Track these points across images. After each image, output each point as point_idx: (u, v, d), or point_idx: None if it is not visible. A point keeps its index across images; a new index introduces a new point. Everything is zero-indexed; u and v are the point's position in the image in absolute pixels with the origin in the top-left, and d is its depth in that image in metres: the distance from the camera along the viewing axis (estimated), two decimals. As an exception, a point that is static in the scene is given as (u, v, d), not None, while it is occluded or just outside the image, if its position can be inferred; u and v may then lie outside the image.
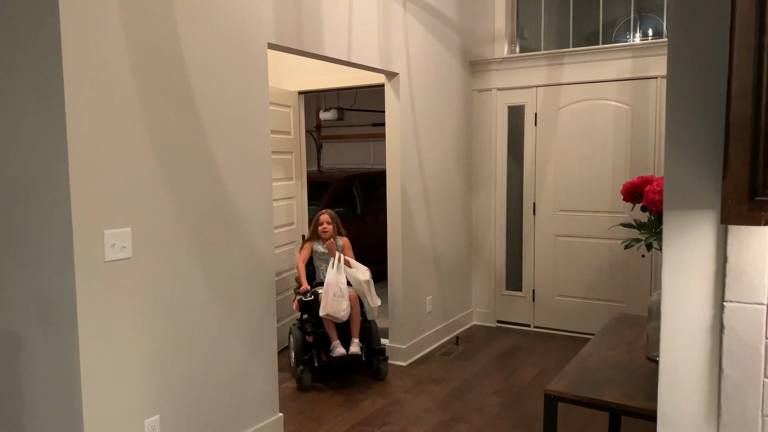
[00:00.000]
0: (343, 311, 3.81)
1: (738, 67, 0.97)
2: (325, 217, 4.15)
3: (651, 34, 4.82)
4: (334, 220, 4.17)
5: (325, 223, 4.11)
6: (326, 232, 4.09)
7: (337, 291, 3.81)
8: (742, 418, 1.23)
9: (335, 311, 3.79)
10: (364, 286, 3.94)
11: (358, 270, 3.99)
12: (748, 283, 1.19)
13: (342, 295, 3.82)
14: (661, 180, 1.99)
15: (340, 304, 3.80)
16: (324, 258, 4.09)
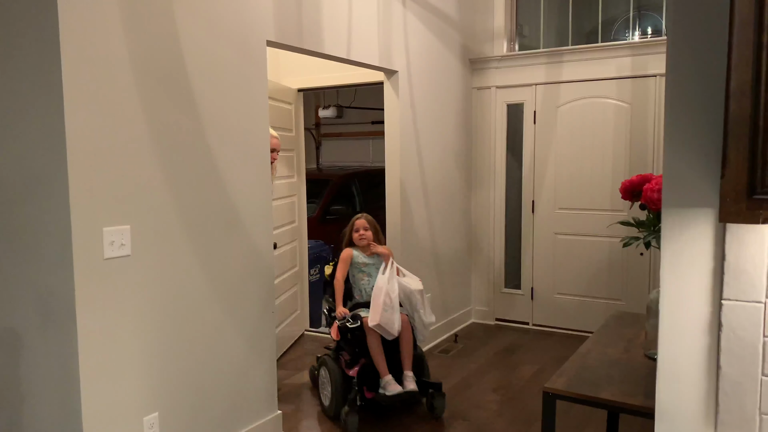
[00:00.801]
0: (396, 325, 3.21)
1: (737, 66, 0.97)
2: (362, 222, 3.59)
3: (650, 32, 4.82)
4: (372, 225, 3.61)
5: (362, 228, 3.57)
6: (364, 238, 3.54)
7: (388, 301, 3.23)
8: (740, 416, 1.23)
9: (389, 323, 3.19)
10: (417, 297, 3.38)
11: (410, 280, 3.47)
12: (747, 281, 1.20)
13: (392, 307, 3.23)
14: (659, 178, 1.99)
15: (392, 316, 3.21)
16: (366, 270, 3.53)
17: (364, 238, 3.56)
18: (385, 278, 3.30)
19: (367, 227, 3.58)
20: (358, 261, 3.55)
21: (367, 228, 3.58)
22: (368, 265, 3.53)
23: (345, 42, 3.57)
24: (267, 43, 2.97)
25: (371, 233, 3.57)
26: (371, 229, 3.58)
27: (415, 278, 3.49)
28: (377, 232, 3.62)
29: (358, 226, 3.57)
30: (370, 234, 3.57)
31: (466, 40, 5.00)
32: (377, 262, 3.51)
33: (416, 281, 3.47)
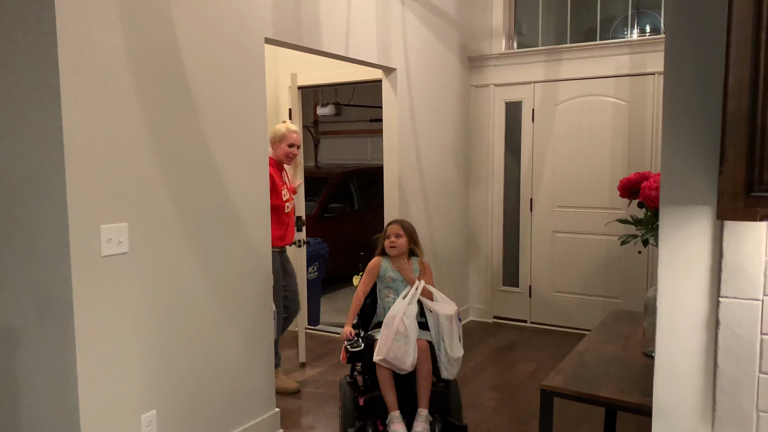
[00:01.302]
0: (410, 360, 2.73)
1: (735, 63, 0.97)
2: (394, 227, 3.06)
3: (649, 30, 4.82)
4: (409, 232, 3.07)
5: (393, 235, 3.02)
6: (394, 247, 3.01)
7: (402, 328, 2.74)
8: (737, 414, 1.23)
9: (398, 358, 2.71)
10: (444, 324, 2.83)
11: (440, 304, 2.91)
12: (744, 279, 1.20)
13: (407, 336, 2.74)
14: (657, 176, 1.99)
15: (404, 348, 2.72)
16: (393, 285, 3.00)
17: (394, 246, 3.01)
18: (404, 303, 2.83)
19: (400, 233, 3.03)
20: (385, 274, 3.02)
21: (400, 235, 3.03)
22: (396, 281, 3.00)
23: (343, 39, 3.57)
24: (265, 41, 2.96)
25: (404, 241, 3.03)
26: (406, 237, 3.04)
27: (449, 303, 2.95)
28: (414, 240, 3.09)
29: (389, 232, 3.05)
30: (403, 242, 3.03)
31: (465, 38, 5.00)
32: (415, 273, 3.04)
33: (449, 306, 2.92)
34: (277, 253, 3.63)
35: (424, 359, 2.81)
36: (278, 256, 3.64)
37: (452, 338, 2.84)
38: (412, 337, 2.76)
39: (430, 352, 2.84)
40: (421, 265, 3.07)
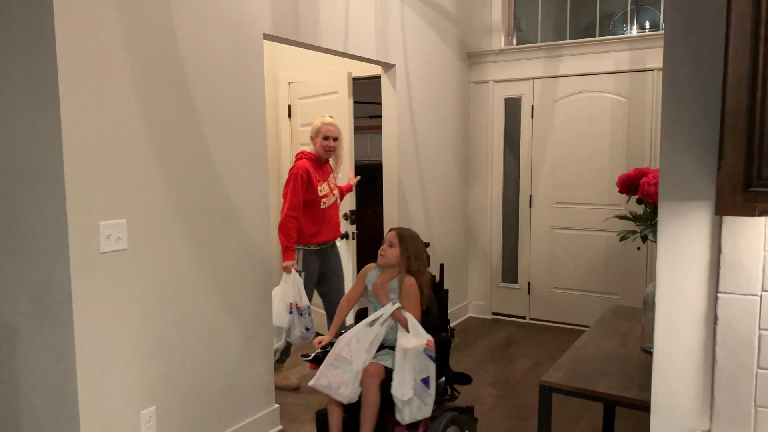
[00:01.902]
0: (347, 391, 2.46)
1: (734, 58, 0.97)
2: (391, 235, 2.74)
3: (648, 26, 4.81)
4: (406, 244, 2.70)
5: (387, 243, 2.73)
6: (382, 256, 2.72)
7: (345, 353, 2.49)
8: (735, 409, 1.23)
9: (331, 386, 2.47)
10: (399, 358, 2.44)
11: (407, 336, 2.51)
12: (742, 274, 1.20)
13: (349, 363, 2.47)
14: (656, 172, 1.99)
15: (341, 376, 2.46)
16: (372, 300, 2.75)
17: (382, 255, 2.71)
18: (361, 325, 2.58)
19: (393, 243, 2.70)
20: (369, 284, 2.77)
21: (394, 244, 2.70)
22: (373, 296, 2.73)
23: (342, 35, 3.56)
24: (264, 37, 2.96)
25: (395, 252, 2.68)
26: (399, 248, 2.68)
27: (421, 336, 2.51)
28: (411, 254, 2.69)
29: (385, 239, 2.76)
30: (394, 254, 2.68)
31: (464, 34, 4.99)
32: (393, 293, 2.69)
33: (416, 340, 2.49)
34: (313, 251, 3.62)
35: (369, 386, 2.47)
36: (313, 254, 3.62)
37: (403, 376, 2.41)
38: (355, 365, 2.46)
39: (379, 379, 2.49)
40: (403, 286, 2.64)
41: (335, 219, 3.72)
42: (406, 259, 2.70)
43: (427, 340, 2.49)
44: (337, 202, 3.72)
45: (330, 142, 3.59)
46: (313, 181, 3.51)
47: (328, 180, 3.66)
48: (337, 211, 3.74)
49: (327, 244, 3.68)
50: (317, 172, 3.58)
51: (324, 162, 3.67)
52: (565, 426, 3.20)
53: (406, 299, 2.63)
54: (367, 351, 2.52)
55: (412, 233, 2.80)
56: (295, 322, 3.43)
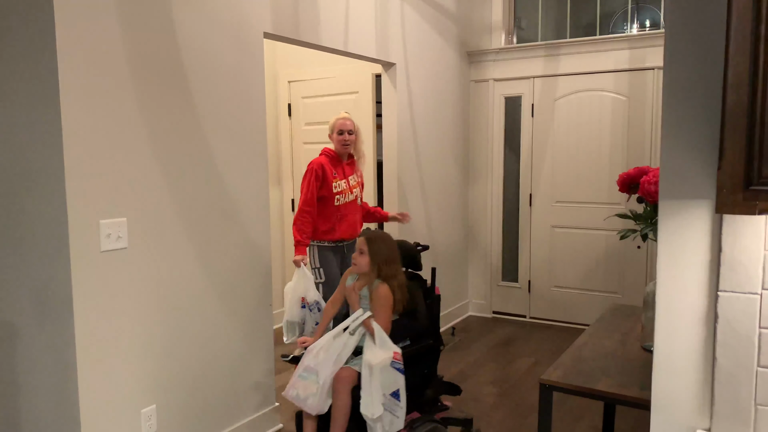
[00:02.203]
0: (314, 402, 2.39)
1: (734, 57, 0.97)
2: (360, 241, 2.64)
3: (648, 25, 4.81)
4: (372, 247, 2.61)
5: (357, 251, 2.64)
6: (355, 265, 2.66)
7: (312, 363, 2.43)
8: (735, 407, 1.23)
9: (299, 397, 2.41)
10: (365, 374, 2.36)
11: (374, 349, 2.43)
12: (743, 273, 1.20)
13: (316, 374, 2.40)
14: (657, 171, 1.99)
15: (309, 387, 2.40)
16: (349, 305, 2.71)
17: (355, 264, 2.65)
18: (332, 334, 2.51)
19: (363, 250, 2.61)
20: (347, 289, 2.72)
21: (363, 252, 2.61)
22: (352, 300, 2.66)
23: (342, 34, 3.56)
24: (264, 35, 2.95)
25: (365, 261, 2.60)
26: (369, 256, 2.59)
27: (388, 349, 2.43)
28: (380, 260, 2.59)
29: (356, 246, 2.67)
30: (364, 261, 2.61)
31: (464, 33, 4.99)
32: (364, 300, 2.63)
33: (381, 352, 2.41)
34: (328, 248, 3.53)
35: (339, 391, 2.40)
36: (329, 251, 3.53)
37: (371, 394, 2.33)
38: (322, 377, 2.39)
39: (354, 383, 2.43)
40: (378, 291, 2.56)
41: (353, 217, 3.60)
42: (376, 265, 2.60)
43: (393, 353, 2.42)
44: (357, 201, 3.62)
45: (345, 136, 3.51)
46: (327, 177, 3.46)
47: (348, 178, 3.57)
48: (355, 210, 3.62)
49: (343, 243, 3.57)
50: (335, 168, 3.51)
51: (345, 158, 3.58)
52: (565, 424, 3.20)
53: (377, 308, 2.56)
54: (334, 362, 2.44)
55: (381, 236, 2.69)
56: (307, 316, 3.35)
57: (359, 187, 3.65)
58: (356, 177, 3.64)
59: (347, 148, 3.54)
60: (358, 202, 3.63)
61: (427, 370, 2.75)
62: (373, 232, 2.75)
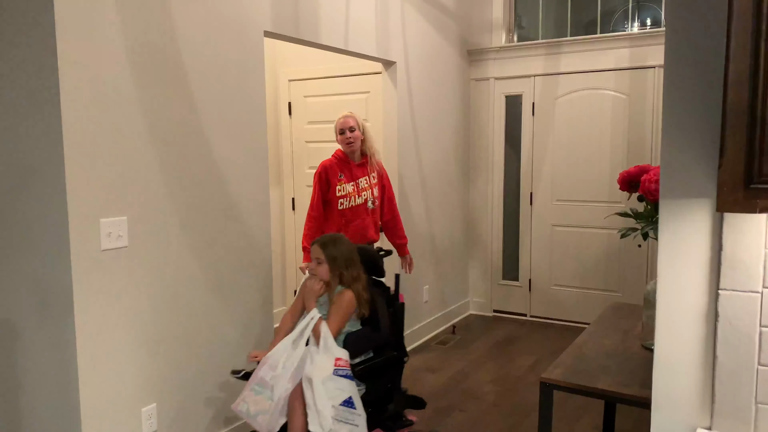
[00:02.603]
0: (264, 420, 2.20)
1: (735, 55, 0.97)
2: (315, 250, 2.51)
3: (649, 23, 4.80)
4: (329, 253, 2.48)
5: (314, 261, 2.51)
6: (314, 275, 2.51)
7: (267, 376, 2.23)
8: (736, 405, 1.23)
9: (249, 414, 2.24)
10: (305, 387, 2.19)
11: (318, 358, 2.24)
12: (743, 271, 1.20)
13: (271, 389, 2.21)
14: (657, 169, 1.99)
15: (262, 404, 2.20)
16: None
17: (314, 275, 2.50)
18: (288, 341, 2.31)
19: (320, 259, 2.47)
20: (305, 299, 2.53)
21: (321, 260, 2.47)
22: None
23: (342, 32, 3.56)
24: (264, 34, 2.95)
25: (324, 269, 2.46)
26: (325, 261, 2.46)
27: (331, 356, 2.26)
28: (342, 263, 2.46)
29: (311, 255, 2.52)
30: (323, 270, 2.46)
31: (464, 32, 4.98)
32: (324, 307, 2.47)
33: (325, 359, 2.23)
34: None
35: (295, 409, 2.18)
36: None
37: (317, 409, 2.13)
38: (277, 393, 2.18)
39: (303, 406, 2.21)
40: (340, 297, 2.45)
41: (361, 222, 3.37)
42: (337, 273, 2.48)
43: (335, 360, 2.23)
44: (368, 204, 3.40)
45: (347, 135, 3.33)
46: (331, 181, 3.33)
47: (358, 180, 3.37)
48: (364, 214, 3.39)
49: None
50: (342, 170, 3.36)
51: (357, 159, 3.40)
52: (566, 423, 3.20)
53: (332, 311, 2.42)
54: (291, 377, 2.22)
55: (335, 239, 2.56)
56: None
57: (372, 189, 3.41)
58: (370, 179, 3.42)
59: (352, 146, 3.36)
60: (369, 205, 3.40)
61: (391, 383, 2.61)
62: (326, 236, 2.64)
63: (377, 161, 3.48)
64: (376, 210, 3.46)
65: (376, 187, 3.45)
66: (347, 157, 3.39)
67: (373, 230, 3.44)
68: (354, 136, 3.35)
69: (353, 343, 2.42)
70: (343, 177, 3.35)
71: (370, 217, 3.43)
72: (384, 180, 3.54)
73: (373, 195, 3.42)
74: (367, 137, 3.42)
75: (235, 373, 2.51)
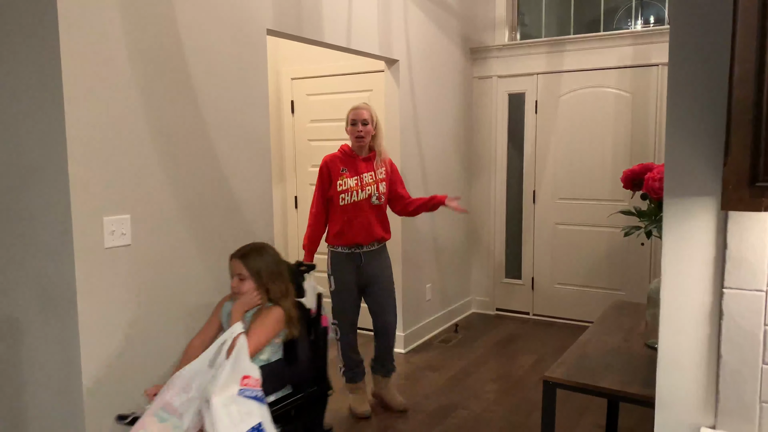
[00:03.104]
0: None
1: (740, 52, 0.96)
2: (235, 265, 2.22)
3: (653, 21, 4.79)
4: (252, 265, 2.20)
5: (235, 276, 2.22)
6: (237, 294, 2.22)
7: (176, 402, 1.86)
8: (740, 404, 1.23)
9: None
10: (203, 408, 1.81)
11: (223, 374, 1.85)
12: (748, 270, 1.19)
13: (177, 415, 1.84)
14: (661, 167, 1.98)
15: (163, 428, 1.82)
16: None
17: (237, 293, 2.20)
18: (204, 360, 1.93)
19: (243, 274, 2.18)
20: (225, 319, 2.26)
21: (243, 276, 2.18)
22: None
23: (345, 31, 3.55)
24: (267, 32, 2.95)
25: (248, 285, 2.17)
26: (249, 277, 2.17)
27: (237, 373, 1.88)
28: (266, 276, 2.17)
29: (231, 271, 2.26)
30: (248, 287, 2.18)
31: (467, 29, 4.97)
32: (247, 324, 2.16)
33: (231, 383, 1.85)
34: (342, 254, 3.20)
35: None
36: (342, 258, 3.20)
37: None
38: (186, 422, 1.83)
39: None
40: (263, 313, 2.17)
41: (365, 219, 3.20)
42: (264, 289, 2.17)
43: (242, 378, 1.86)
44: (371, 200, 3.21)
45: (358, 127, 3.14)
46: (332, 175, 3.18)
47: (362, 175, 3.20)
48: (368, 211, 3.21)
49: (359, 249, 3.21)
50: (346, 164, 3.20)
51: (363, 153, 3.24)
52: (568, 422, 3.20)
53: (255, 325, 2.12)
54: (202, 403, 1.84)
55: (256, 248, 2.23)
56: None
57: (377, 185, 3.23)
58: (376, 174, 3.24)
59: (361, 141, 3.18)
60: (373, 201, 3.22)
61: (311, 421, 2.30)
62: (245, 247, 2.26)
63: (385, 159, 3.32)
64: (382, 207, 3.29)
65: (383, 182, 3.27)
66: (353, 152, 3.24)
67: (379, 227, 3.28)
68: (365, 130, 3.17)
69: (266, 380, 2.01)
70: (345, 171, 3.19)
71: (375, 213, 3.26)
72: (394, 175, 3.36)
73: (378, 191, 3.24)
74: (379, 134, 3.25)
75: (122, 418, 2.04)
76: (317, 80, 4.67)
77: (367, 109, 3.19)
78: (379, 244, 3.30)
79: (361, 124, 3.16)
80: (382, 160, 3.28)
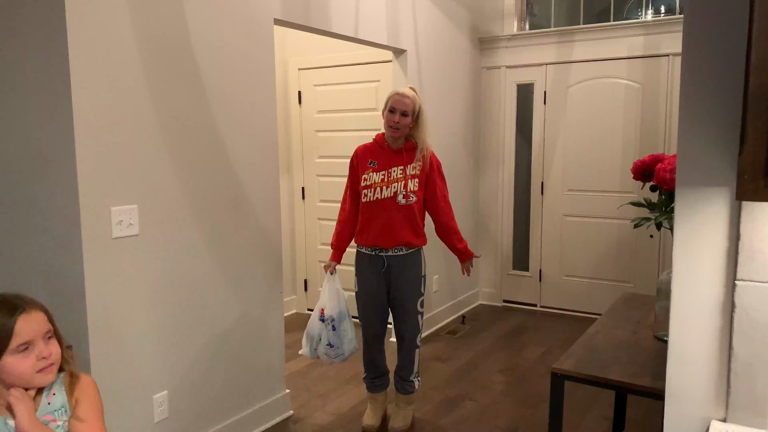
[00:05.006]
0: None
1: (758, 38, 0.94)
2: (38, 318, 1.55)
3: (663, 10, 4.73)
4: (56, 325, 1.58)
5: (43, 334, 1.54)
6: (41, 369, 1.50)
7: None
8: (751, 398, 1.22)
9: None
10: None
11: None
12: (761, 261, 1.18)
13: None
14: (672, 158, 1.96)
15: None
16: None
17: (43, 369, 1.52)
18: None
19: (51, 332, 1.58)
20: None
21: (52, 335, 1.58)
22: None
23: (353, 20, 3.53)
24: (274, 22, 2.93)
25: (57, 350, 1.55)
26: (56, 335, 1.57)
27: None
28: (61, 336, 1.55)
29: None
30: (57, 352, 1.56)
31: (476, 19, 4.93)
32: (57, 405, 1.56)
33: None
34: (364, 255, 2.94)
35: None
36: (364, 259, 2.94)
37: None
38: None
39: None
40: (76, 388, 1.66)
41: (388, 220, 2.84)
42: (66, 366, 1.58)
43: None
44: (397, 199, 2.84)
45: (395, 116, 2.76)
46: (360, 168, 2.90)
47: (390, 169, 2.84)
48: (393, 210, 2.85)
49: (383, 252, 2.89)
50: (375, 156, 2.88)
51: (396, 145, 2.88)
52: (576, 414, 3.20)
53: (86, 407, 1.62)
54: None
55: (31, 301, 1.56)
56: (323, 332, 2.87)
57: (406, 181, 2.84)
58: (407, 169, 2.86)
59: (396, 132, 2.80)
60: (399, 200, 2.83)
61: None
62: (27, 298, 1.60)
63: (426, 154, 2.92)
64: (412, 207, 2.88)
65: (415, 179, 2.86)
66: (385, 143, 2.90)
67: (407, 231, 2.89)
68: (402, 122, 2.79)
69: None
70: (373, 164, 2.87)
71: (403, 214, 2.87)
72: (434, 174, 2.93)
73: (406, 188, 2.84)
74: (422, 126, 2.88)
75: None
76: (324, 71, 4.65)
77: (412, 99, 2.82)
78: (408, 250, 2.93)
79: (400, 114, 2.78)
80: (422, 155, 2.89)
